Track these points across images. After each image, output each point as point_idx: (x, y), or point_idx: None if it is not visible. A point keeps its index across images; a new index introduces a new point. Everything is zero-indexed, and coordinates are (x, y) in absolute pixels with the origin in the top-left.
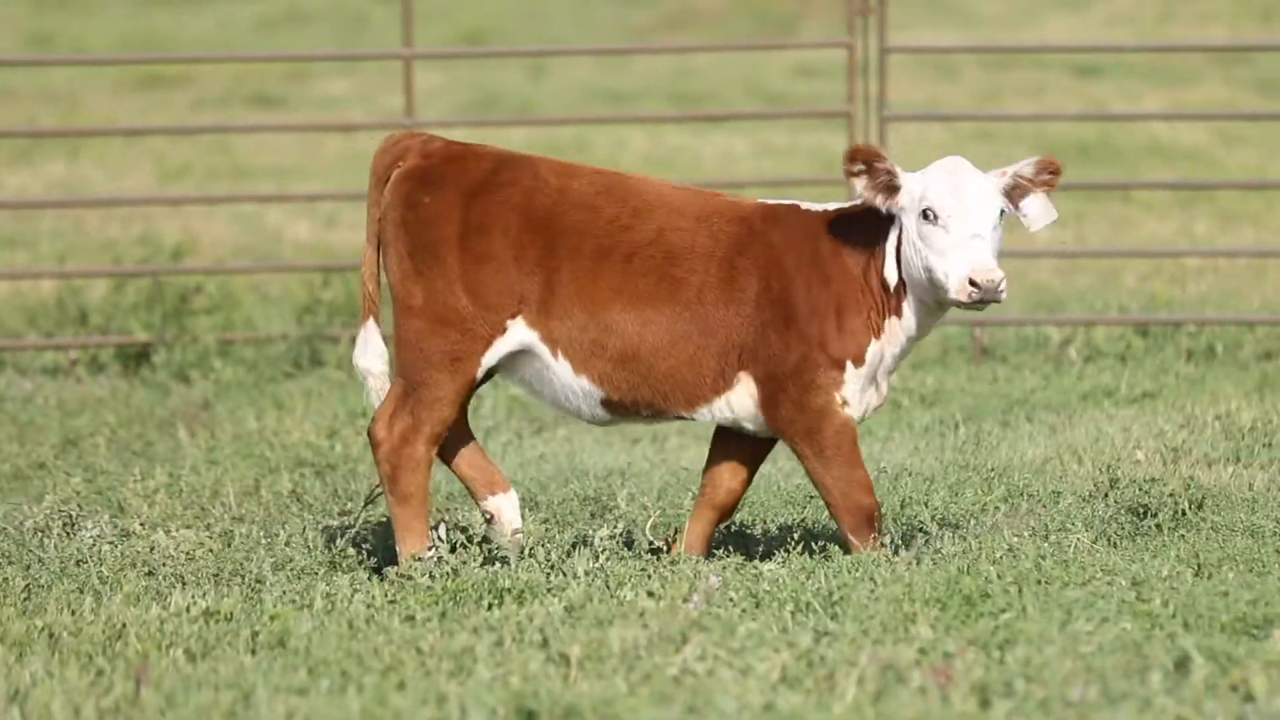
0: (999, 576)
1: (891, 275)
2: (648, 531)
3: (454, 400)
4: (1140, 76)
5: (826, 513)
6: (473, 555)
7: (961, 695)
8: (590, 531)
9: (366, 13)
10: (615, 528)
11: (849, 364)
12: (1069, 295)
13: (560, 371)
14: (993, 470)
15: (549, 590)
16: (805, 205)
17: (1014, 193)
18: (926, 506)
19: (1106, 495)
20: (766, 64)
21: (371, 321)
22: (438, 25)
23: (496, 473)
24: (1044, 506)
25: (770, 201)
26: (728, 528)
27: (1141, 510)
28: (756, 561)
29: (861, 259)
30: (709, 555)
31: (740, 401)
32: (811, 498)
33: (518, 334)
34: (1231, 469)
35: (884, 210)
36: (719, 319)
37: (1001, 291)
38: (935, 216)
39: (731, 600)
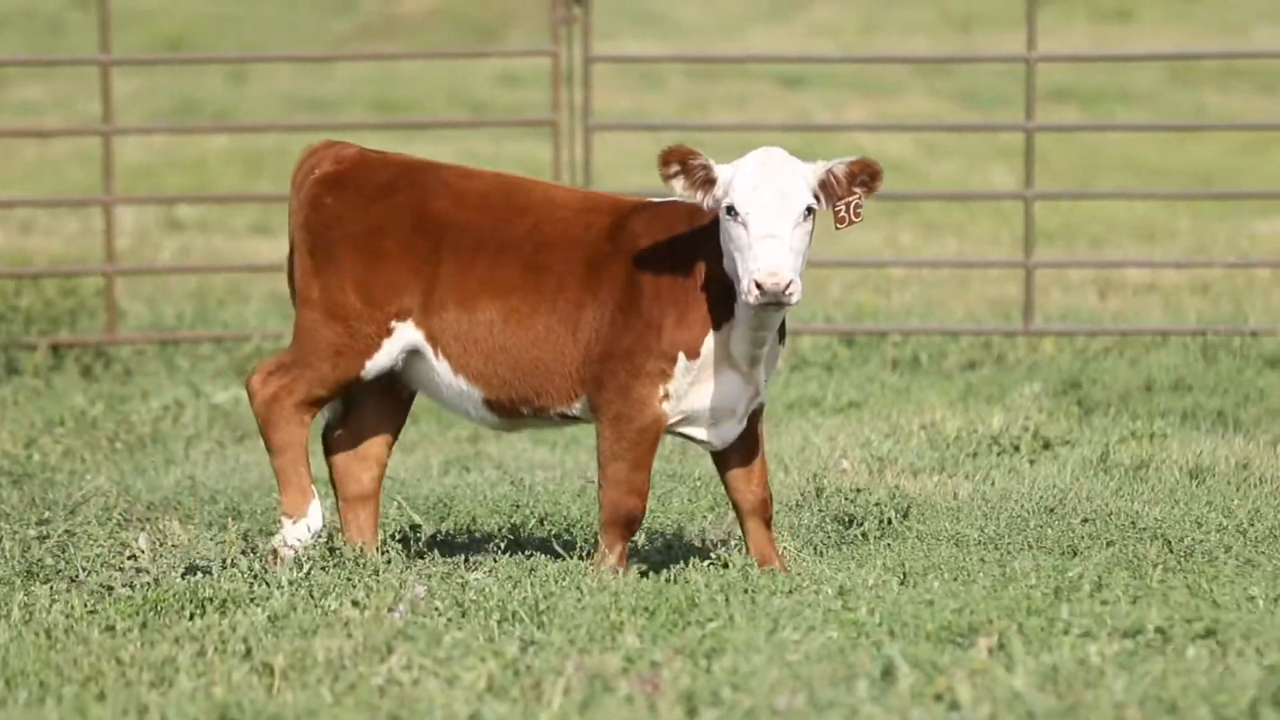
0: (706, 585)
1: (730, 264)
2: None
3: (331, 387)
4: (844, 87)
5: (533, 522)
6: (174, 565)
7: (669, 704)
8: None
9: (62, 17)
10: (319, 537)
11: (681, 355)
12: None
13: (442, 371)
14: (699, 479)
15: (252, 600)
16: (678, 199)
17: (827, 189)
18: None
19: (813, 504)
20: (470, 72)
21: None
22: (136, 31)
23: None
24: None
25: (655, 199)
26: (433, 536)
27: (848, 519)
28: (463, 571)
29: (715, 251)
30: (789, 558)
31: None
32: (517, 506)
33: (405, 334)
34: (936, 478)
35: (705, 206)
36: (579, 307)
37: (789, 294)
38: (736, 213)
39: (437, 609)
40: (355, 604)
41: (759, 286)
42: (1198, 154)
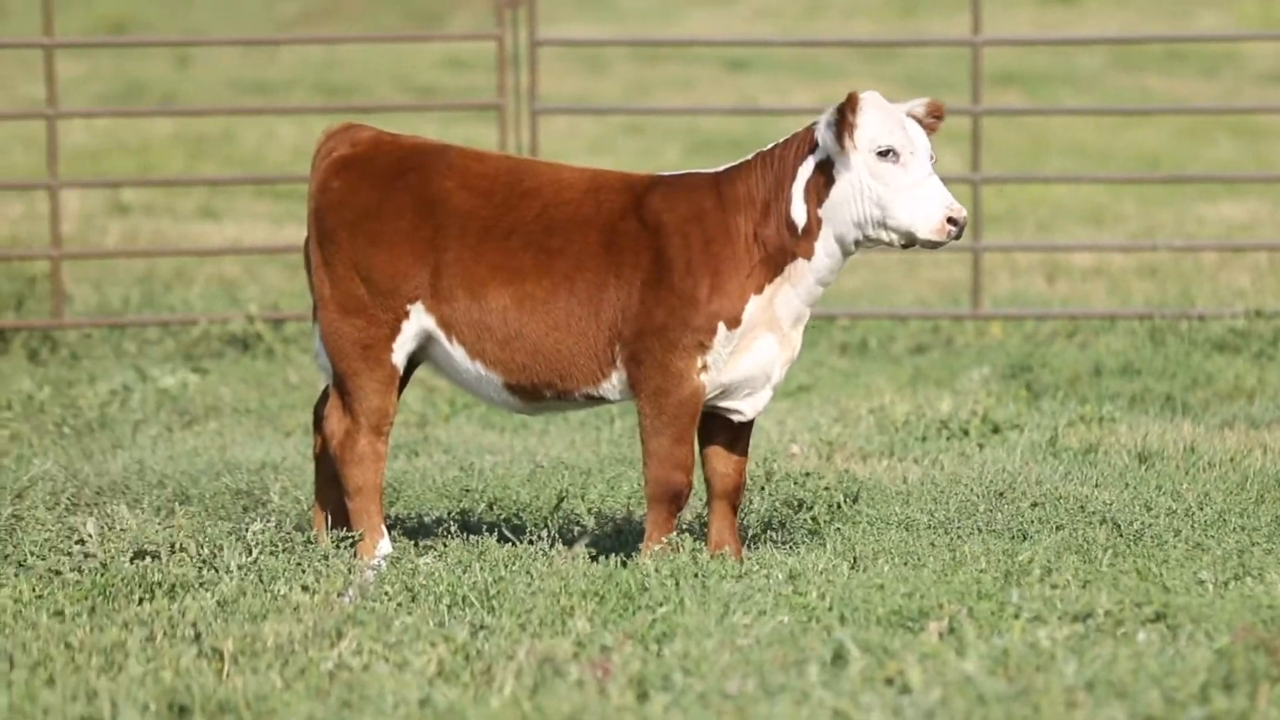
0: (656, 570)
1: (800, 217)
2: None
3: (380, 390)
4: (788, 71)
5: (482, 507)
6: (122, 549)
7: (619, 688)
8: (243, 525)
9: (4, 0)
10: (269, 521)
11: (721, 325)
12: None
13: (457, 357)
14: None
15: (201, 585)
16: (697, 170)
17: None
18: (583, 500)
19: (763, 489)
20: (416, 56)
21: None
22: (79, 13)
23: None
24: (700, 500)
25: (666, 174)
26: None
27: (797, 504)
28: (412, 555)
29: (753, 213)
30: (742, 544)
31: None
32: (466, 491)
33: (418, 319)
34: (886, 462)
35: (841, 151)
36: (600, 288)
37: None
38: (897, 155)
39: (387, 594)
40: (305, 589)
41: (953, 221)
42: (1143, 138)
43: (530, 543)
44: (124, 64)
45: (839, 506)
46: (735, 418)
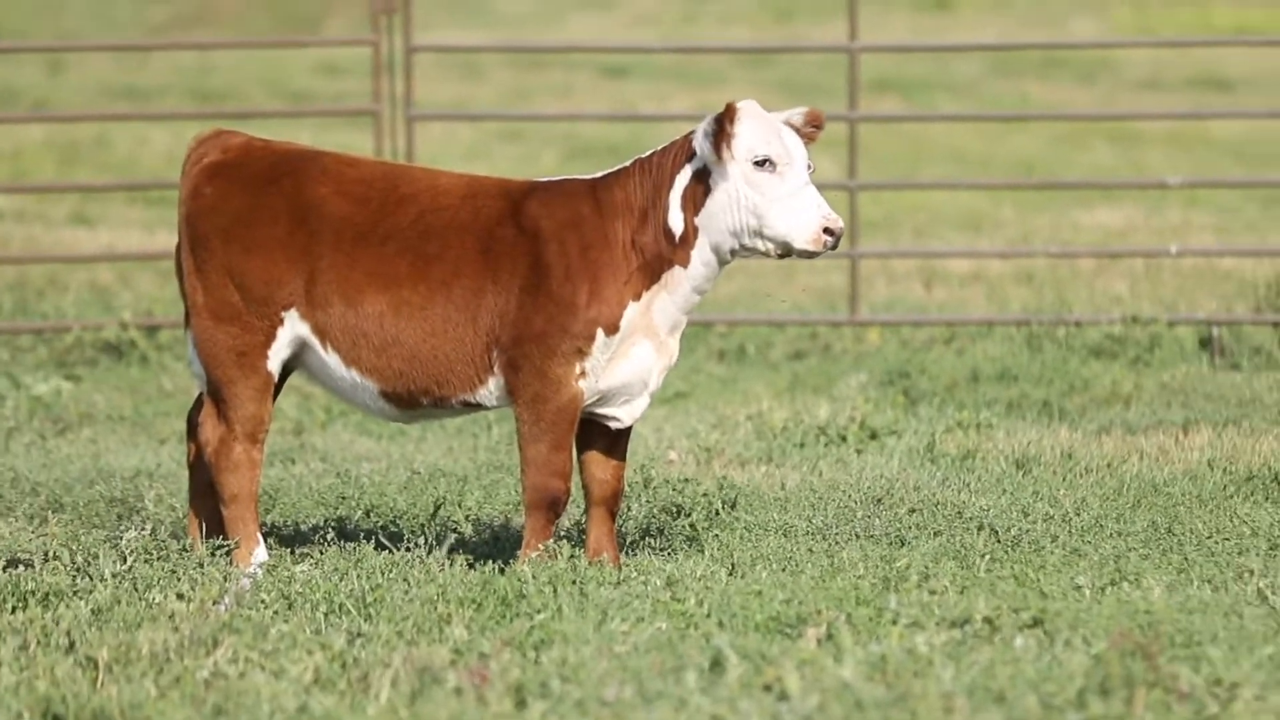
0: (534, 577)
1: (677, 225)
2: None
3: (255, 397)
4: (667, 77)
5: (359, 514)
6: None
7: (497, 695)
8: (118, 533)
9: None
10: (143, 529)
11: (599, 332)
12: None
13: (332, 364)
14: None
15: (75, 593)
16: (575, 176)
17: None
18: (460, 507)
19: (641, 495)
20: (289, 61)
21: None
22: None
23: None
24: (577, 507)
25: (543, 180)
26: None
27: (675, 510)
28: (289, 563)
29: (630, 220)
30: (620, 550)
31: None
32: (342, 498)
33: (293, 327)
34: (764, 469)
35: (718, 161)
36: (477, 294)
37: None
38: (773, 165)
39: (263, 602)
40: (180, 596)
41: (829, 231)
42: (1019, 144)
43: (407, 550)
44: None
45: (717, 513)
46: (613, 424)
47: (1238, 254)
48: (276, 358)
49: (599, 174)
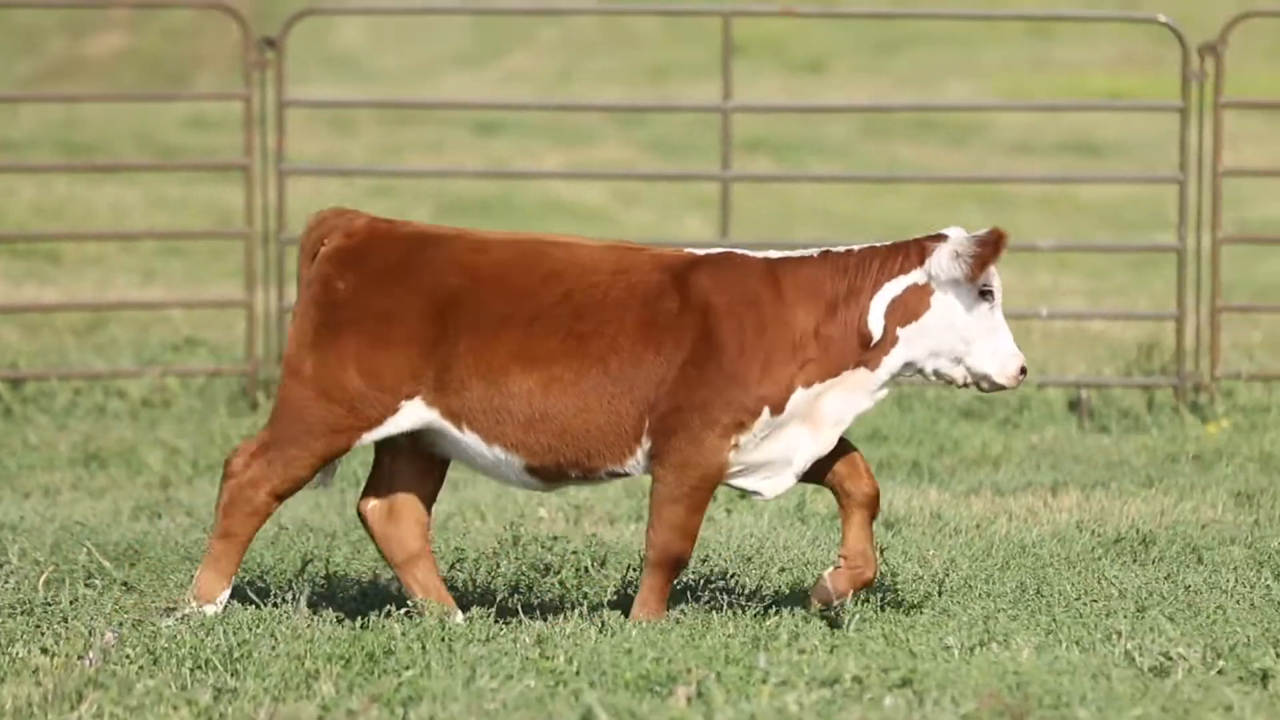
0: (403, 633)
1: (876, 330)
2: (40, 586)
3: (313, 466)
4: (540, 135)
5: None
6: None
7: None
8: None
9: None
10: (6, 583)
11: (766, 410)
12: None
13: (471, 443)
14: None
15: None
16: (740, 252)
17: None
18: (328, 563)
19: (510, 553)
20: (159, 114)
21: None
22: None
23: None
24: (445, 563)
25: (699, 251)
26: (124, 583)
27: (545, 567)
28: (154, 617)
29: (815, 309)
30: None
31: None
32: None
33: (414, 413)
34: (633, 526)
35: (966, 282)
36: (637, 366)
37: None
38: (992, 297)
39: (129, 657)
40: (44, 651)
41: (1024, 370)
42: (890, 205)
43: (275, 605)
44: None
45: (587, 570)
46: (755, 498)
47: (1107, 317)
48: (368, 439)
49: (773, 254)
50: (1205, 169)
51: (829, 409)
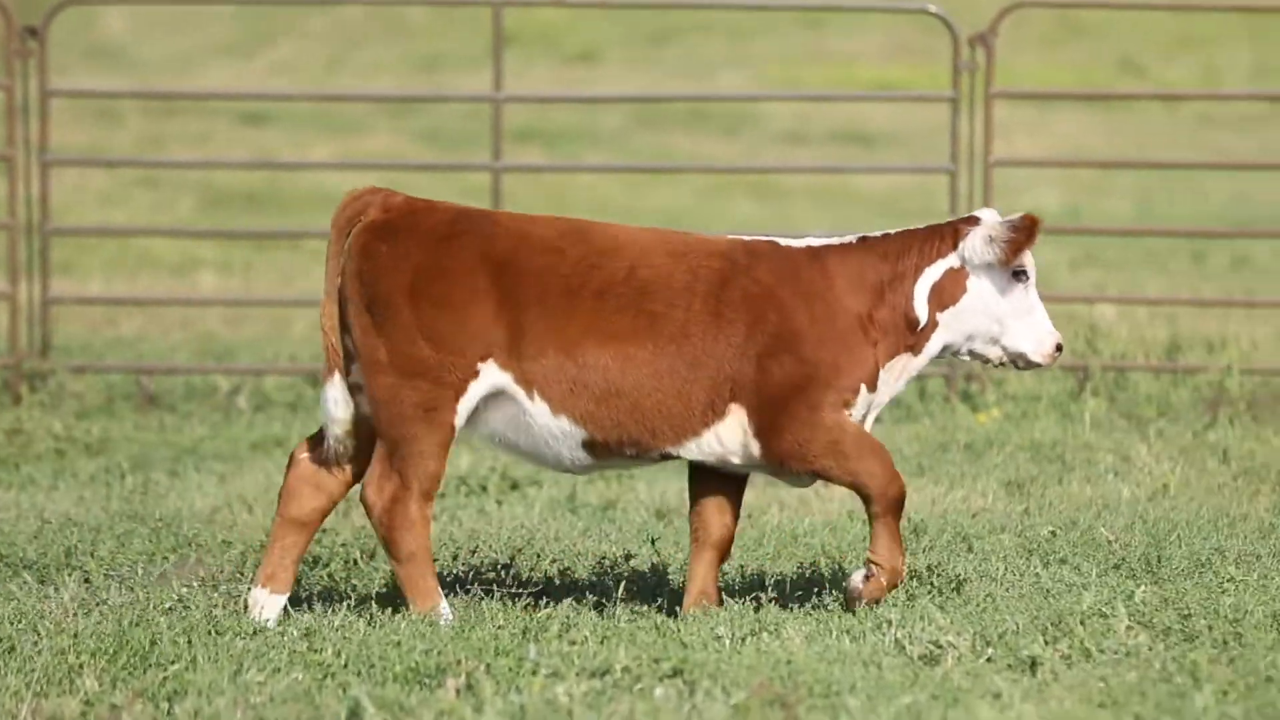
0: (169, 628)
1: (921, 315)
2: None
3: (437, 453)
4: (308, 125)
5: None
6: None
7: None
8: None
9: None
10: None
11: (863, 387)
12: (238, 344)
13: (538, 413)
14: (161, 520)
15: None
16: (782, 241)
17: None
18: (94, 557)
19: None
20: None
21: (337, 374)
22: None
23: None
24: (214, 556)
25: (745, 238)
26: None
27: (313, 560)
28: None
29: (863, 295)
30: (721, 601)
31: (730, 434)
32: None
33: (490, 377)
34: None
35: (1001, 266)
36: (707, 352)
37: None
38: (1026, 277)
39: None
40: None
41: (1059, 348)
42: (664, 196)
43: (39, 600)
44: None
45: (355, 563)
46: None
47: None
48: (465, 410)
49: (814, 241)
50: (976, 159)
51: (882, 395)
